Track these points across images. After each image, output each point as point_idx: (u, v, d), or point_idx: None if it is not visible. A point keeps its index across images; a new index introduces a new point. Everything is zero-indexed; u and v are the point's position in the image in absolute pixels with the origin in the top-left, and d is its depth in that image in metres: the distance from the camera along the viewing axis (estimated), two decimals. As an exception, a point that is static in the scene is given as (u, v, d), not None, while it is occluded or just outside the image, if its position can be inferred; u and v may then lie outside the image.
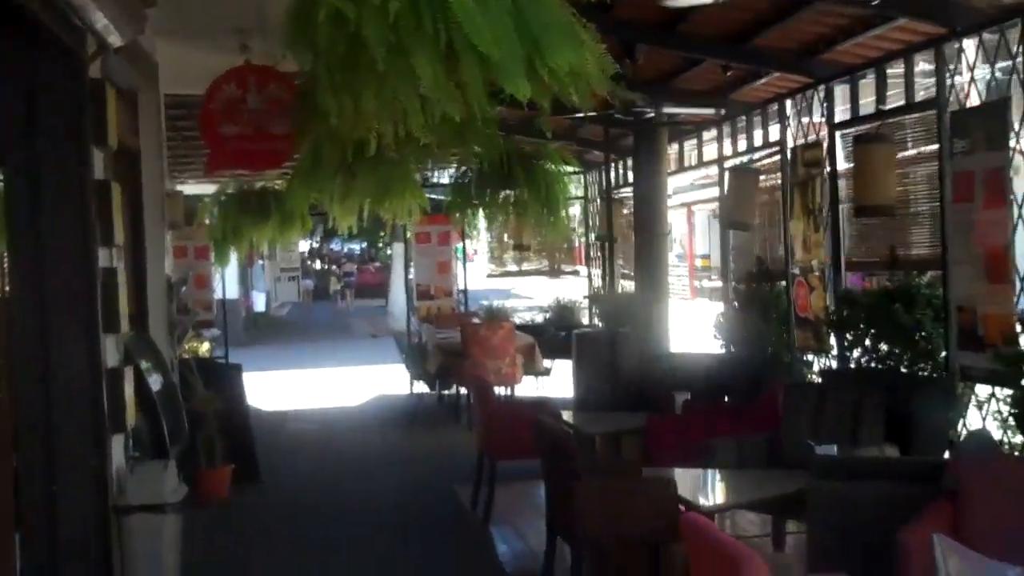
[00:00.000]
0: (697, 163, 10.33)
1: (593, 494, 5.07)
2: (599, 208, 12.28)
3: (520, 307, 17.48)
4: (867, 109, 7.14)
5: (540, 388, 12.23)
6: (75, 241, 5.27)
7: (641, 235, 8.99)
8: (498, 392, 10.27)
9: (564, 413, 8.02)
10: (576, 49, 3.79)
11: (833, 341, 7.23)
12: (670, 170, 9.38)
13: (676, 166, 10.53)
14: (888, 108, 6.87)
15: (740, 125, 9.05)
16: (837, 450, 5.58)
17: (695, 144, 10.15)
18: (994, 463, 4.93)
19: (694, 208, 29.61)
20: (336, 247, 48.66)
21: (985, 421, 5.79)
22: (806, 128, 7.59)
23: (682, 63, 8.19)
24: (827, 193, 7.26)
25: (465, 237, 15.89)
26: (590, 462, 5.34)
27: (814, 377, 7.57)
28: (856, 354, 6.88)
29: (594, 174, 13.07)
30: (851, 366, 6.89)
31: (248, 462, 8.75)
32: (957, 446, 5.80)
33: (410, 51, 3.63)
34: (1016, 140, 5.39)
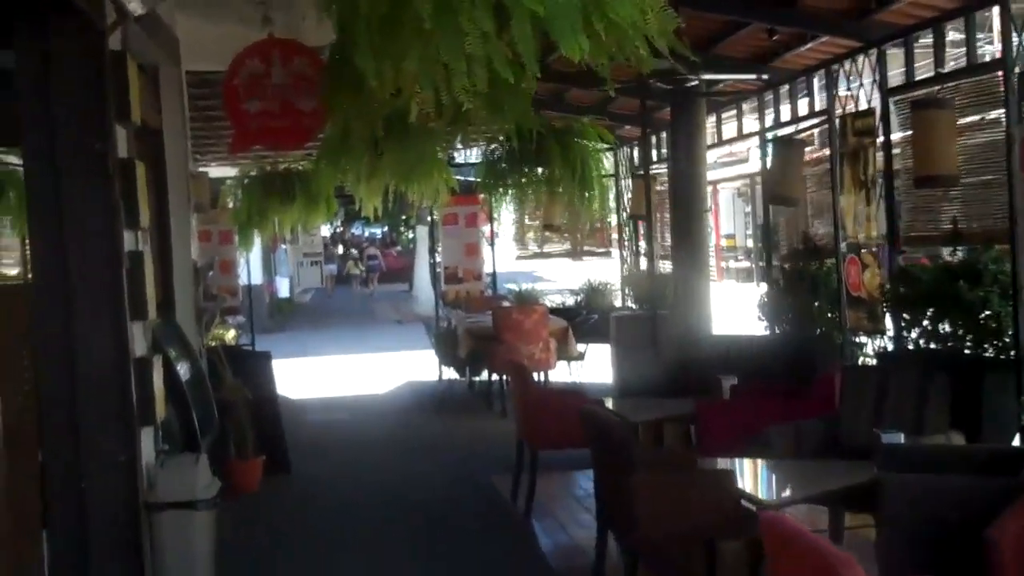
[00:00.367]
0: (736, 136, 9.98)
1: (649, 488, 4.77)
2: (631, 185, 11.93)
3: (549, 290, 17.14)
4: (921, 72, 6.79)
5: (573, 373, 11.93)
6: (99, 223, 5.01)
7: (680, 212, 8.65)
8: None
9: (604, 400, 7.75)
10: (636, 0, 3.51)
11: (889, 322, 6.89)
12: (708, 144, 9.01)
13: (713, 139, 10.15)
14: (947, 71, 6.50)
15: (781, 94, 8.69)
16: (903, 438, 5.26)
17: (733, 115, 9.79)
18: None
19: (719, 187, 29.17)
20: (357, 231, 48.43)
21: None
22: (856, 95, 7.23)
23: (723, 28, 7.83)
24: (880, 164, 6.90)
25: (493, 219, 15.60)
26: (645, 454, 5.03)
27: (867, 359, 7.23)
28: (914, 335, 6.55)
29: (624, 150, 12.72)
30: (909, 347, 6.55)
31: (278, 453, 8.50)
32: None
33: (458, 7, 3.36)
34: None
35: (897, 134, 6.94)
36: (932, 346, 6.33)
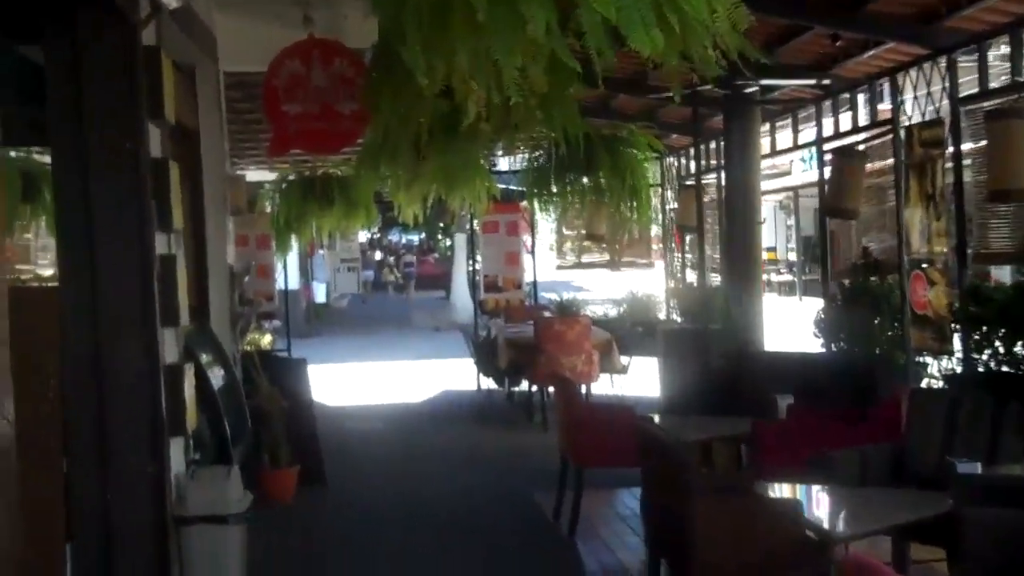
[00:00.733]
0: (792, 146, 9.64)
1: (708, 515, 4.46)
2: (678, 195, 11.62)
3: (591, 300, 16.83)
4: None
5: (616, 387, 11.60)
6: (130, 225, 4.81)
7: (732, 224, 8.34)
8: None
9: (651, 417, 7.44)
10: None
11: (957, 342, 6.53)
12: (763, 153, 8.70)
13: (766, 150, 9.82)
14: (1026, 80, 6.16)
15: (840, 103, 8.36)
16: (980, 468, 4.92)
17: (787, 125, 9.45)
18: None
19: (761, 199, 28.66)
20: (395, 238, 48.32)
21: None
22: (923, 104, 6.89)
23: (782, 33, 7.51)
24: (949, 177, 6.56)
25: (534, 227, 15.34)
26: (704, 478, 4.72)
27: (932, 381, 6.88)
28: (984, 357, 6.19)
29: (670, 159, 12.41)
30: (979, 370, 6.19)
31: (314, 464, 8.25)
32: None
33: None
34: None
35: (967, 145, 6.58)
36: (1005, 370, 5.97)
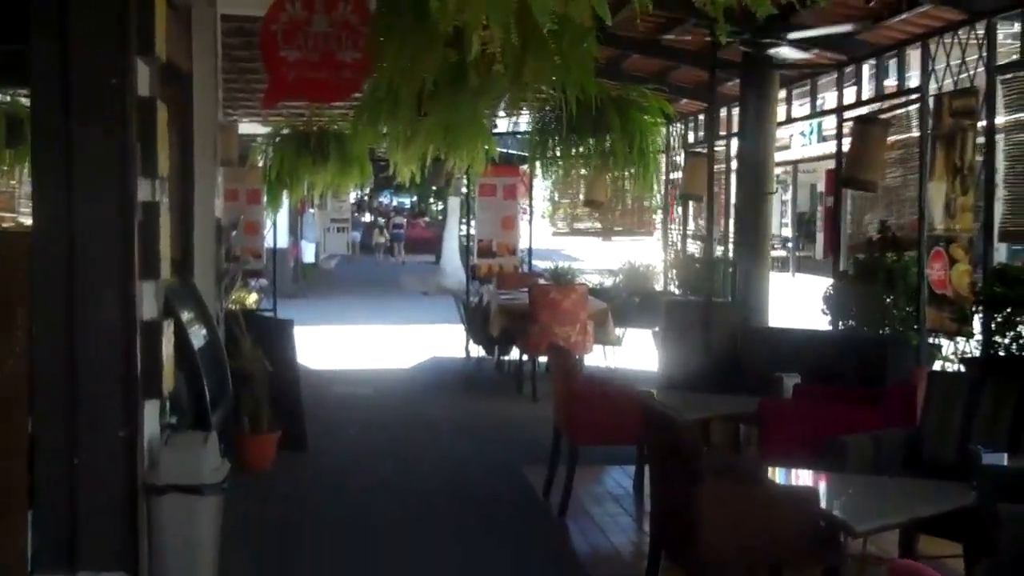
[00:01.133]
0: (810, 113, 9.28)
1: (716, 501, 4.16)
2: (685, 163, 11.25)
3: (586, 269, 16.51)
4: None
5: (609, 359, 11.30)
6: (111, 168, 4.48)
7: (743, 194, 8.00)
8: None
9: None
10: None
11: (976, 324, 6.23)
12: (779, 120, 8.33)
13: (784, 117, 9.47)
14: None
15: (864, 70, 8.02)
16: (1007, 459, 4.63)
17: (806, 92, 9.10)
18: None
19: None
20: (385, 200, 47.82)
21: None
22: (955, 72, 6.54)
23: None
24: (980, 149, 6.22)
25: (531, 191, 14.96)
26: (718, 463, 4.42)
27: (947, 364, 6.58)
28: (1006, 341, 5.89)
29: (677, 125, 12.04)
30: (1000, 355, 5.89)
31: (295, 429, 7.92)
32: None
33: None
34: None
35: (1000, 118, 6.25)
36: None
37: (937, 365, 6.75)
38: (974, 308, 6.14)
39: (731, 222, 9.89)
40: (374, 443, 8.83)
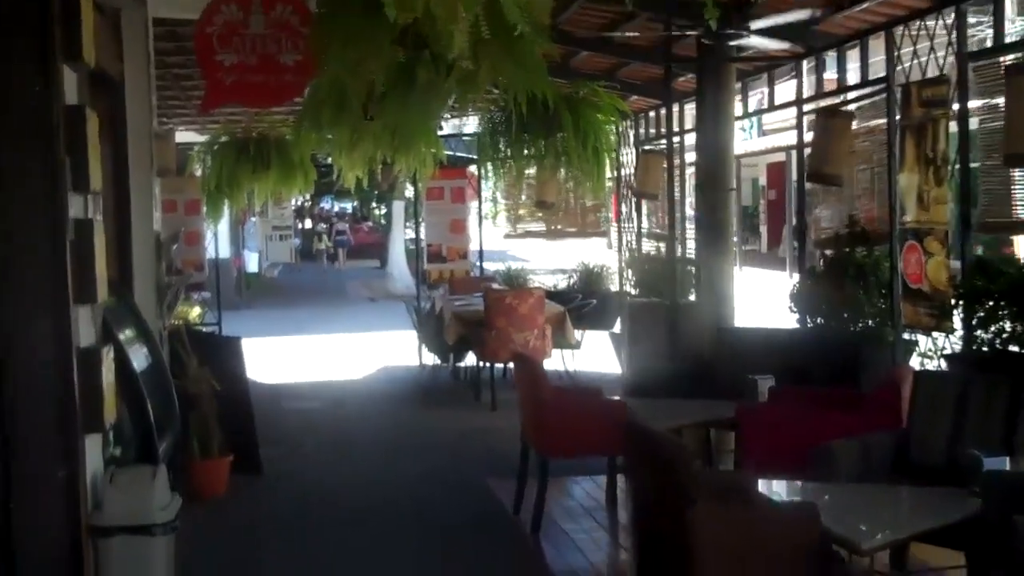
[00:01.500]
0: (768, 107, 9.08)
1: (715, 526, 3.87)
2: (637, 161, 11.01)
3: (538, 270, 16.21)
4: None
5: (568, 363, 11.02)
6: (38, 184, 4.11)
7: (704, 191, 7.75)
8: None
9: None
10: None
11: (956, 319, 6.03)
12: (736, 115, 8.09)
13: (740, 112, 9.24)
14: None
15: (822, 61, 7.82)
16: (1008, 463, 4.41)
17: (763, 85, 8.88)
18: None
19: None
20: (326, 205, 47.17)
21: None
22: (923, 61, 6.34)
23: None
24: (953, 139, 6.02)
25: (481, 193, 14.62)
26: (708, 481, 4.13)
27: (925, 361, 6.37)
28: (987, 336, 5.69)
29: (628, 122, 11.79)
30: (984, 351, 5.69)
31: (248, 451, 7.55)
32: None
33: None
34: None
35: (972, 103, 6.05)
36: (1014, 349, 5.48)
37: (915, 361, 6.54)
38: (954, 302, 5.94)
39: (687, 220, 9.68)
40: (331, 462, 8.46)
